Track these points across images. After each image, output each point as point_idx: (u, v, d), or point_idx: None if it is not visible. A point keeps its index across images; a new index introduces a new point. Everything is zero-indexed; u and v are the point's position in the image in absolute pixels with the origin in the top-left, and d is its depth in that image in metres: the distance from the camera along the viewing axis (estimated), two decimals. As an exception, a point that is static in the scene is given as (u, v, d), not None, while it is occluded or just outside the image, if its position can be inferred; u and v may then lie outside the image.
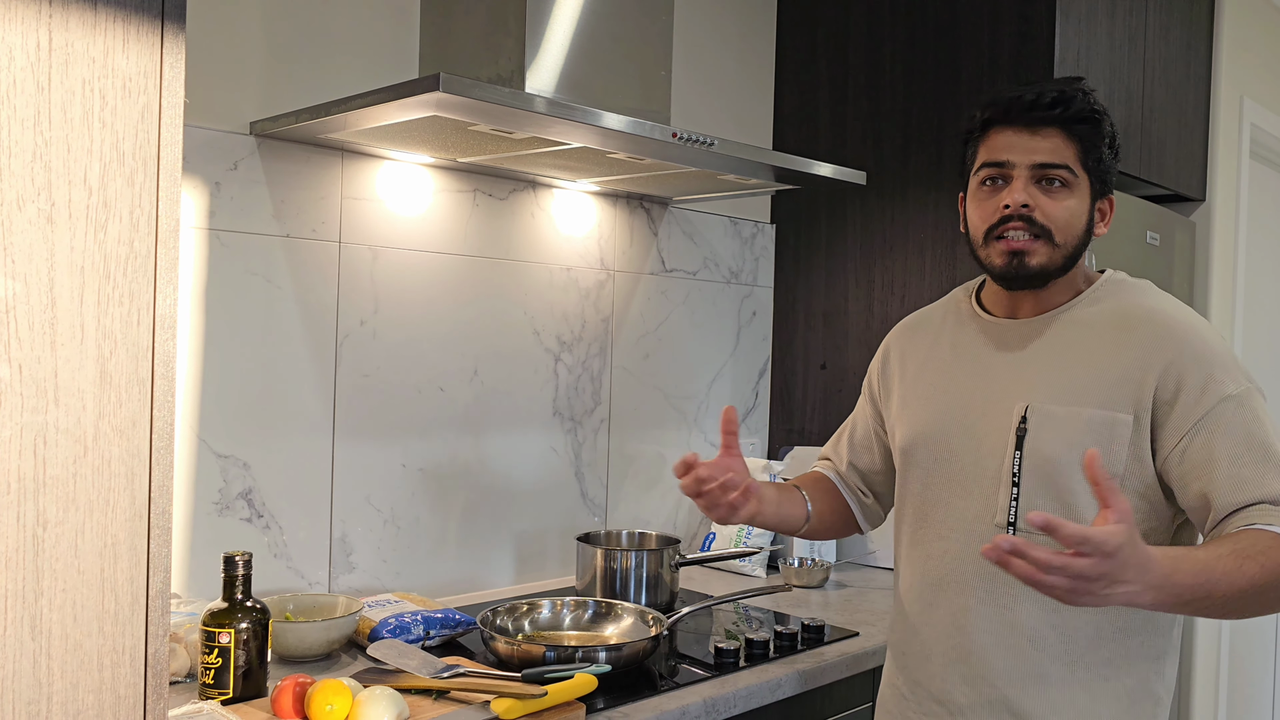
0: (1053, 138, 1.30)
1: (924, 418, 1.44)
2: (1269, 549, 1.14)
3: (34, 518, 0.92)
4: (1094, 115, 1.31)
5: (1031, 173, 1.31)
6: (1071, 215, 1.31)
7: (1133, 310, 1.32)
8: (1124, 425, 1.26)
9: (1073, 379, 1.30)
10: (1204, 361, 1.25)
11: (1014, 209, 1.30)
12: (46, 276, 0.92)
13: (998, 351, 1.39)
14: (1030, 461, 1.30)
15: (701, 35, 2.47)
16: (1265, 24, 3.17)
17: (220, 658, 1.37)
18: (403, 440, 1.93)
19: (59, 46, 0.92)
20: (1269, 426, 1.23)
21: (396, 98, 1.45)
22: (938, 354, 1.46)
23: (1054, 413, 1.29)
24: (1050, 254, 1.31)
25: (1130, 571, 1.01)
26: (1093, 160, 1.32)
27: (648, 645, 1.57)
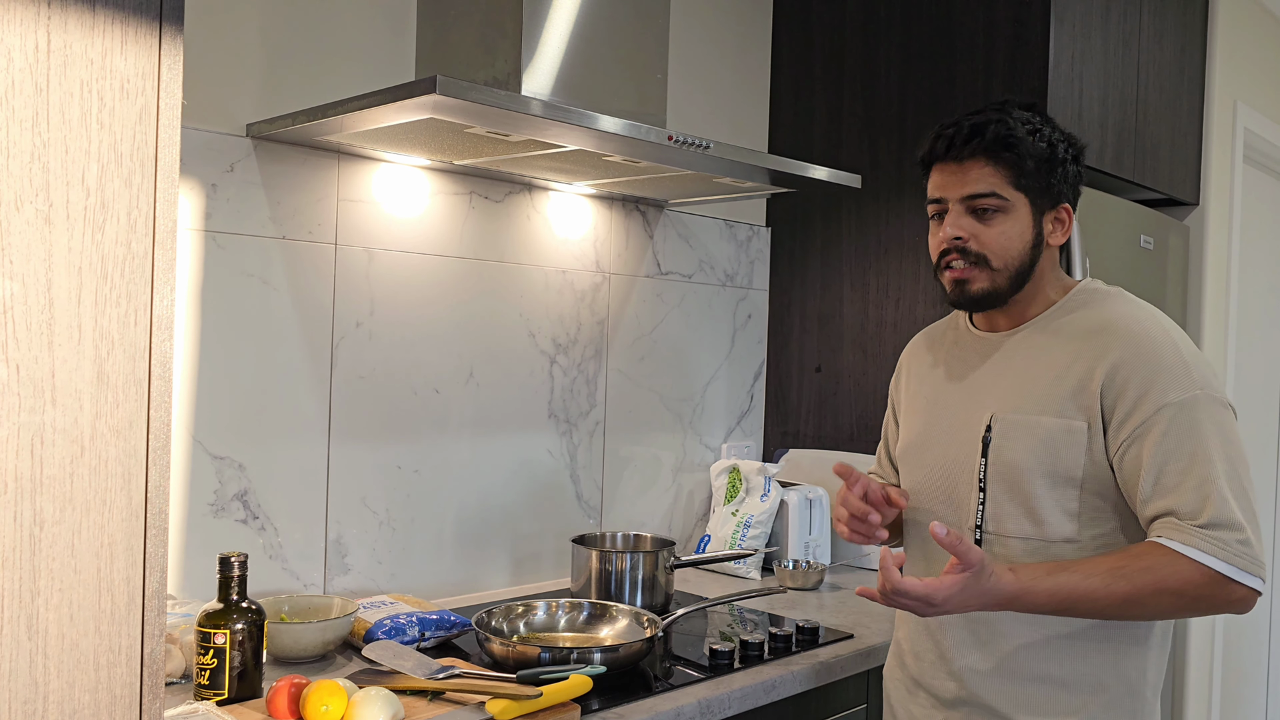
0: (978, 168, 1.36)
1: (914, 429, 1.53)
2: (1152, 566, 1.22)
3: (31, 517, 0.92)
4: (1010, 140, 1.35)
5: (964, 205, 1.38)
6: (1006, 239, 1.36)
7: (1094, 319, 1.36)
8: (1079, 432, 1.31)
9: (1033, 388, 1.36)
10: (1148, 368, 1.28)
11: (946, 241, 1.39)
12: (44, 277, 0.92)
13: (976, 364, 1.46)
14: (995, 468, 1.37)
15: (697, 38, 2.47)
16: (1258, 29, 3.19)
17: (215, 658, 1.37)
18: (398, 442, 1.93)
19: (57, 48, 0.92)
20: (1208, 436, 1.26)
21: (393, 100, 1.46)
22: (934, 369, 1.54)
23: (1016, 421, 1.36)
24: (991, 278, 1.37)
25: (975, 599, 1.23)
26: (1026, 180, 1.36)
27: (643, 647, 1.58)
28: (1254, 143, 3.16)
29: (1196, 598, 1.22)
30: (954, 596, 1.21)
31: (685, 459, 2.48)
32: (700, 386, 2.51)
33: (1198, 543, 1.21)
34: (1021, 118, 1.38)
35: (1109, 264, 2.34)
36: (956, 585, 1.21)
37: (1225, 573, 1.21)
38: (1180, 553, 1.21)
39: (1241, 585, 1.22)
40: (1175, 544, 1.22)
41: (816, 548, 2.35)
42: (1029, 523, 1.35)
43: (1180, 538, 1.22)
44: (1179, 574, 1.21)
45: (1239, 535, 1.22)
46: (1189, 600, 1.22)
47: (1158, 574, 1.21)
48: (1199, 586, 1.21)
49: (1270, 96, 3.31)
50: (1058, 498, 1.33)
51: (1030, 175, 1.37)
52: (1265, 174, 3.43)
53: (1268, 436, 3.49)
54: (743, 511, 2.32)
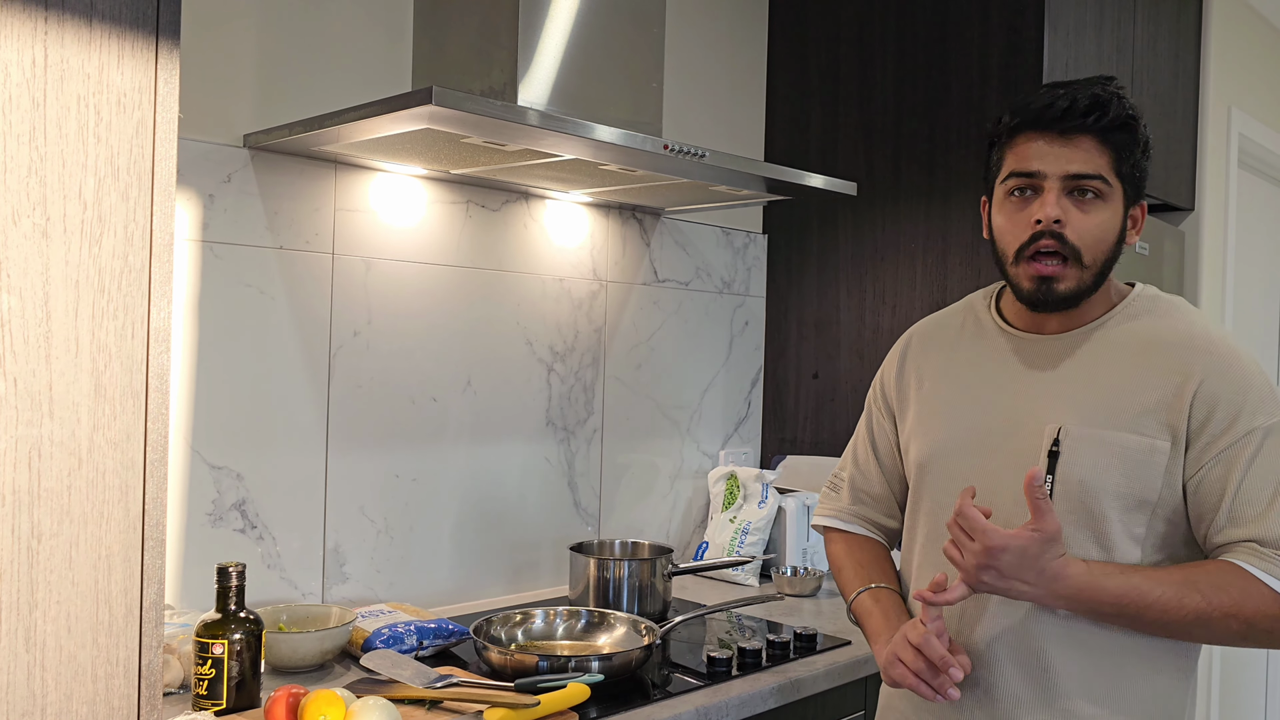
0: (1086, 146, 1.22)
1: (941, 435, 1.36)
2: (1227, 586, 1.14)
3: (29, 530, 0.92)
4: (1130, 121, 1.23)
5: (1063, 184, 1.23)
6: (1103, 230, 1.24)
7: (1170, 331, 1.26)
8: (1161, 452, 1.21)
9: (1107, 401, 1.24)
10: (1237, 388, 1.20)
11: (1045, 224, 1.23)
12: (42, 290, 0.93)
13: (1025, 369, 1.31)
14: (1062, 486, 1.23)
15: (693, 47, 2.48)
16: (1252, 35, 3.20)
17: (213, 668, 1.37)
18: (396, 451, 1.94)
19: (54, 63, 0.93)
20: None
21: (389, 111, 1.46)
22: (955, 367, 1.39)
23: (1089, 435, 1.23)
24: (1080, 276, 1.25)
25: (1028, 574, 1.14)
26: (1128, 167, 1.24)
27: (640, 654, 1.58)
28: (1248, 148, 3.17)
29: (1269, 631, 1.14)
30: (1014, 553, 1.11)
31: (683, 466, 2.48)
32: (697, 393, 2.51)
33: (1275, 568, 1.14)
34: (1128, 101, 1.24)
35: (1104, 270, 2.34)
36: (1021, 538, 1.11)
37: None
38: (1261, 580, 1.13)
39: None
40: (1258, 570, 1.14)
41: (814, 554, 2.35)
42: (1095, 547, 1.22)
43: (1263, 565, 1.14)
44: (1255, 601, 1.13)
45: None
46: (1258, 631, 1.14)
47: (1233, 596, 1.13)
48: (1274, 619, 1.13)
49: (1264, 101, 3.32)
50: (1128, 521, 1.22)
51: (1131, 165, 1.24)
52: (1260, 179, 3.44)
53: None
54: (740, 518, 2.32)
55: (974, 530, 1.13)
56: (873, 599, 1.41)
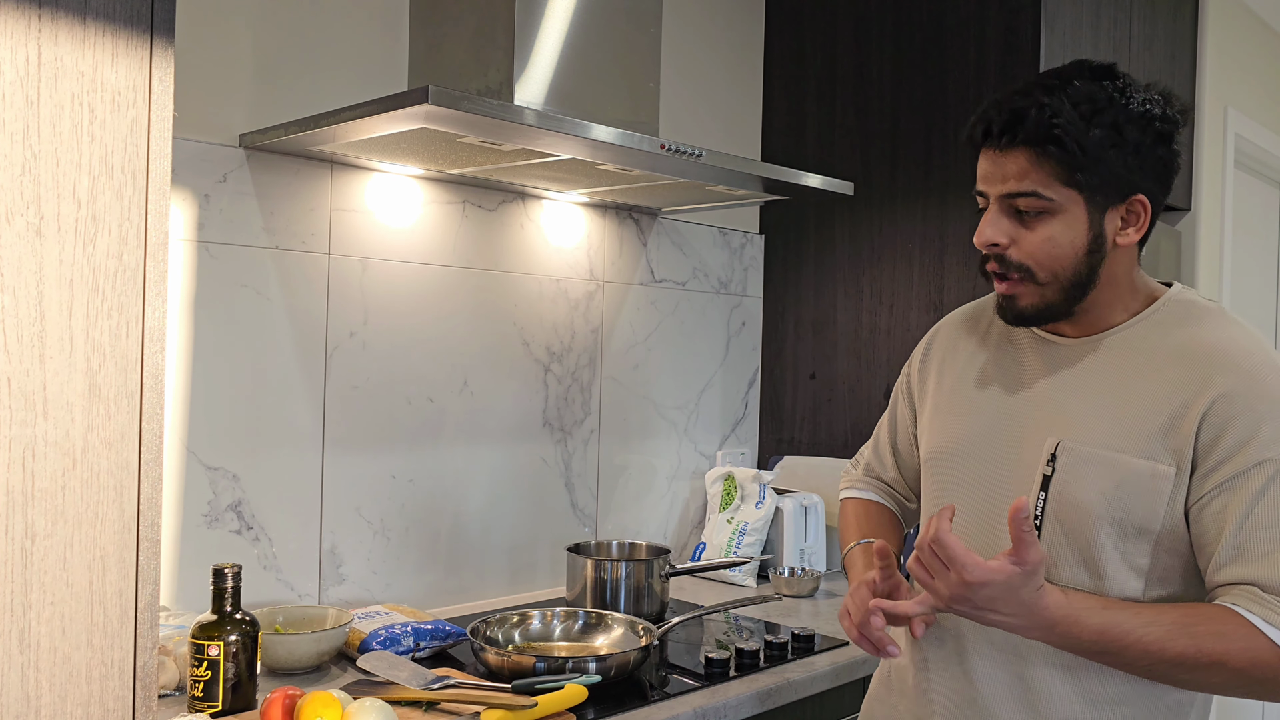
0: (1018, 161, 1.14)
1: (952, 434, 1.31)
2: (1221, 633, 1.05)
3: (22, 530, 0.92)
4: (1053, 132, 1.12)
5: (1003, 204, 1.17)
6: (1053, 245, 1.15)
7: (1194, 342, 1.15)
8: (1165, 478, 1.12)
9: (1113, 417, 1.16)
10: (1255, 410, 1.09)
11: (984, 248, 1.19)
12: (35, 290, 0.92)
13: (1041, 373, 1.24)
14: (1055, 507, 1.17)
15: (690, 47, 2.48)
16: (1248, 35, 3.20)
17: (209, 670, 1.36)
18: (392, 451, 1.93)
19: (48, 61, 0.92)
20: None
21: (386, 110, 1.46)
22: (975, 363, 1.32)
23: (1089, 455, 1.15)
24: (1039, 293, 1.17)
25: (1004, 606, 1.07)
26: (1082, 174, 1.13)
27: (638, 655, 1.58)
28: (1244, 148, 3.17)
29: (1260, 681, 1.06)
30: (995, 585, 1.04)
31: (680, 467, 2.48)
32: (695, 394, 2.51)
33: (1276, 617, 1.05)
34: (1081, 94, 1.13)
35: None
36: (1003, 573, 1.04)
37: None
38: (1258, 628, 1.04)
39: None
40: (1256, 619, 1.05)
41: (812, 555, 2.34)
42: (1086, 573, 1.16)
43: (1262, 613, 1.05)
44: (1250, 651, 1.04)
45: None
46: (1250, 682, 1.06)
47: (1226, 644, 1.04)
48: (1266, 669, 1.05)
49: (1260, 102, 3.32)
50: (1126, 550, 1.14)
51: (1086, 168, 1.12)
52: (1256, 178, 3.45)
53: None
54: (738, 519, 2.32)
55: (952, 561, 1.05)
56: (862, 552, 1.40)
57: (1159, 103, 1.16)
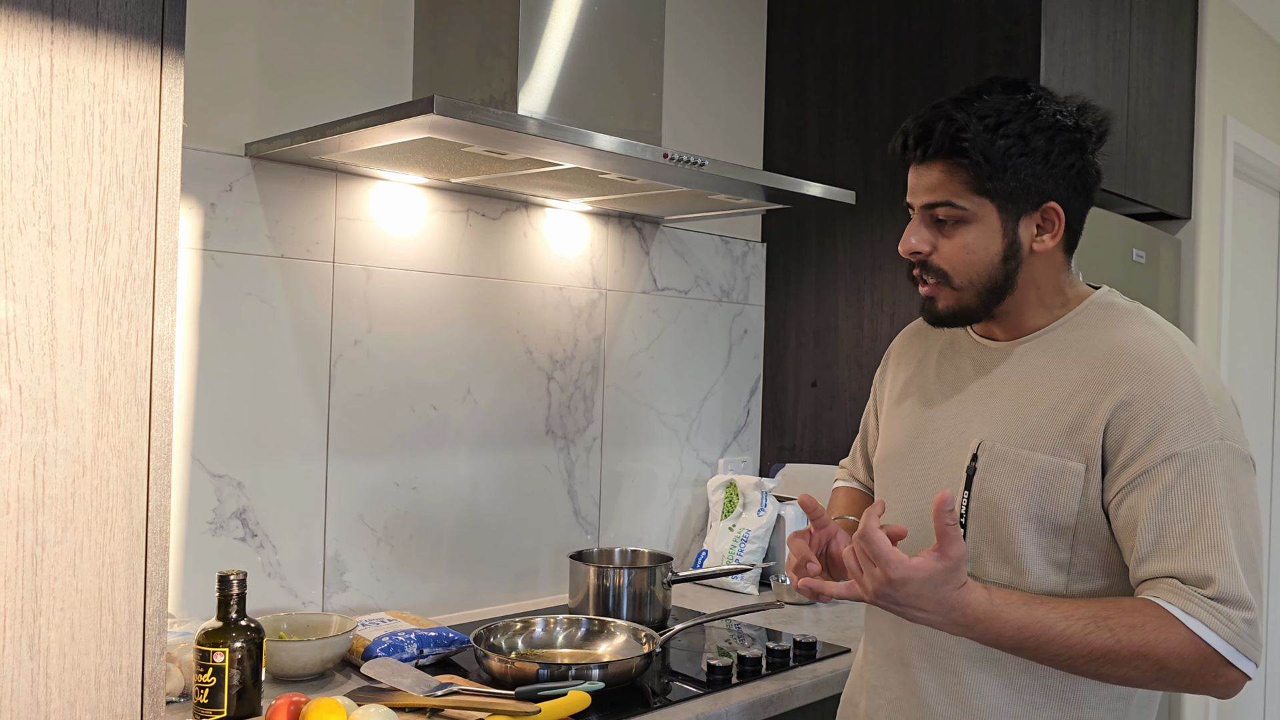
0: (936, 173, 1.21)
1: (896, 438, 1.37)
2: (1141, 625, 1.06)
3: (33, 537, 0.92)
4: (959, 143, 1.18)
5: (924, 214, 1.23)
6: (969, 251, 1.21)
7: (1106, 342, 1.19)
8: (1074, 474, 1.15)
9: (1028, 417, 1.20)
10: (1160, 407, 1.11)
11: (907, 256, 1.25)
12: (47, 298, 0.93)
13: (973, 376, 1.30)
14: (977, 503, 1.21)
15: (692, 56, 2.49)
16: (1247, 44, 3.22)
17: (215, 677, 1.37)
18: (396, 459, 1.94)
19: (60, 72, 0.94)
20: (1220, 495, 1.09)
21: (391, 120, 1.47)
22: (924, 371, 1.38)
23: (1005, 454, 1.20)
24: (956, 296, 1.23)
25: (928, 603, 1.07)
26: (994, 183, 1.18)
27: (640, 663, 1.58)
28: (1244, 156, 3.18)
29: (1180, 673, 1.07)
30: (917, 580, 1.05)
31: (682, 474, 2.49)
32: (697, 402, 2.52)
33: (1201, 614, 1.06)
34: (989, 107, 1.19)
35: (1101, 278, 2.35)
36: (925, 569, 1.05)
37: (1224, 653, 1.06)
38: (1178, 619, 1.06)
39: (1234, 669, 1.07)
40: (1175, 610, 1.06)
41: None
42: (1008, 569, 1.19)
43: (1181, 604, 1.06)
44: (1169, 643, 1.05)
45: (1246, 614, 1.07)
46: (1170, 674, 1.07)
47: (1146, 636, 1.05)
48: (1188, 662, 1.06)
49: (1259, 110, 3.33)
50: (1045, 546, 1.18)
51: (995, 177, 1.18)
52: (1255, 187, 3.46)
53: (1260, 446, 3.50)
54: (740, 526, 2.32)
55: (877, 558, 1.07)
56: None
57: (1071, 114, 1.22)
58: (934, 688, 1.26)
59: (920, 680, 1.27)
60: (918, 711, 1.28)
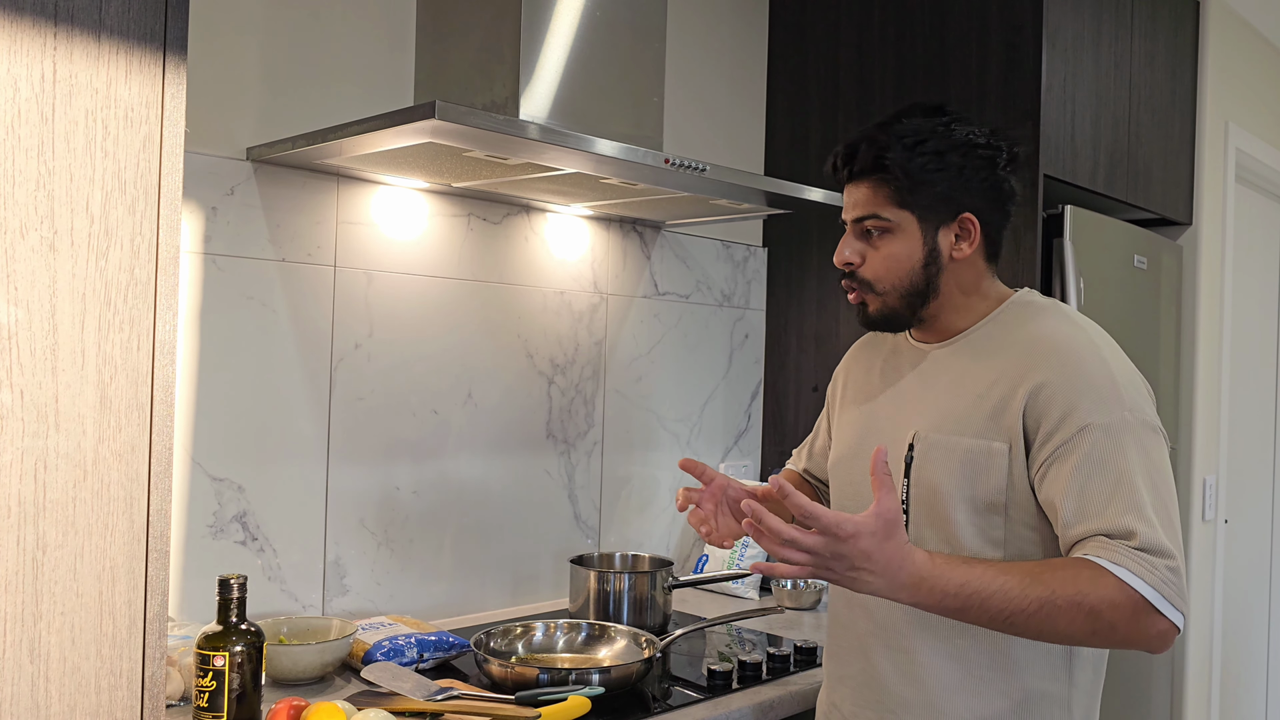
0: (864, 190, 1.33)
1: (846, 440, 1.45)
2: (1073, 578, 1.12)
3: (34, 541, 0.93)
4: (880, 162, 1.30)
5: (854, 228, 1.35)
6: (893, 260, 1.32)
7: (1022, 335, 1.29)
8: (1000, 455, 1.24)
9: (955, 406, 1.30)
10: (1073, 387, 1.21)
11: (840, 265, 1.36)
12: (48, 303, 0.93)
13: (909, 377, 1.40)
14: (917, 490, 1.30)
15: (693, 61, 2.50)
16: (1249, 50, 3.22)
17: (215, 681, 1.37)
18: (396, 463, 1.94)
19: (63, 78, 0.94)
20: (1133, 461, 1.18)
21: (392, 125, 1.47)
22: (870, 379, 1.47)
23: (937, 441, 1.29)
24: (881, 301, 1.34)
25: (873, 564, 1.10)
26: (912, 197, 1.30)
27: (641, 667, 1.58)
28: (1245, 162, 3.18)
29: (1114, 623, 1.12)
30: (865, 535, 1.08)
31: (683, 479, 2.48)
32: (698, 406, 2.52)
33: (1127, 563, 1.12)
34: (906, 129, 1.31)
35: (1103, 284, 2.35)
36: (869, 522, 1.08)
37: (1151, 600, 1.11)
38: (1107, 570, 1.12)
39: (1163, 618, 1.12)
40: (1104, 561, 1.13)
41: (814, 567, 2.34)
42: (948, 549, 1.27)
43: (1109, 555, 1.13)
44: (1100, 592, 1.11)
45: (1169, 562, 1.13)
46: (1105, 625, 1.12)
47: (1079, 586, 1.12)
48: (1118, 609, 1.11)
49: (1261, 117, 3.33)
50: (981, 525, 1.26)
51: (914, 191, 1.30)
52: (1257, 193, 3.46)
53: (1263, 453, 3.50)
54: (740, 531, 2.32)
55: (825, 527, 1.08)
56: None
57: (984, 134, 1.34)
58: (890, 670, 1.33)
59: (878, 665, 1.34)
60: (877, 694, 1.35)
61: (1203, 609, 2.95)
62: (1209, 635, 2.98)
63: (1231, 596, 3.19)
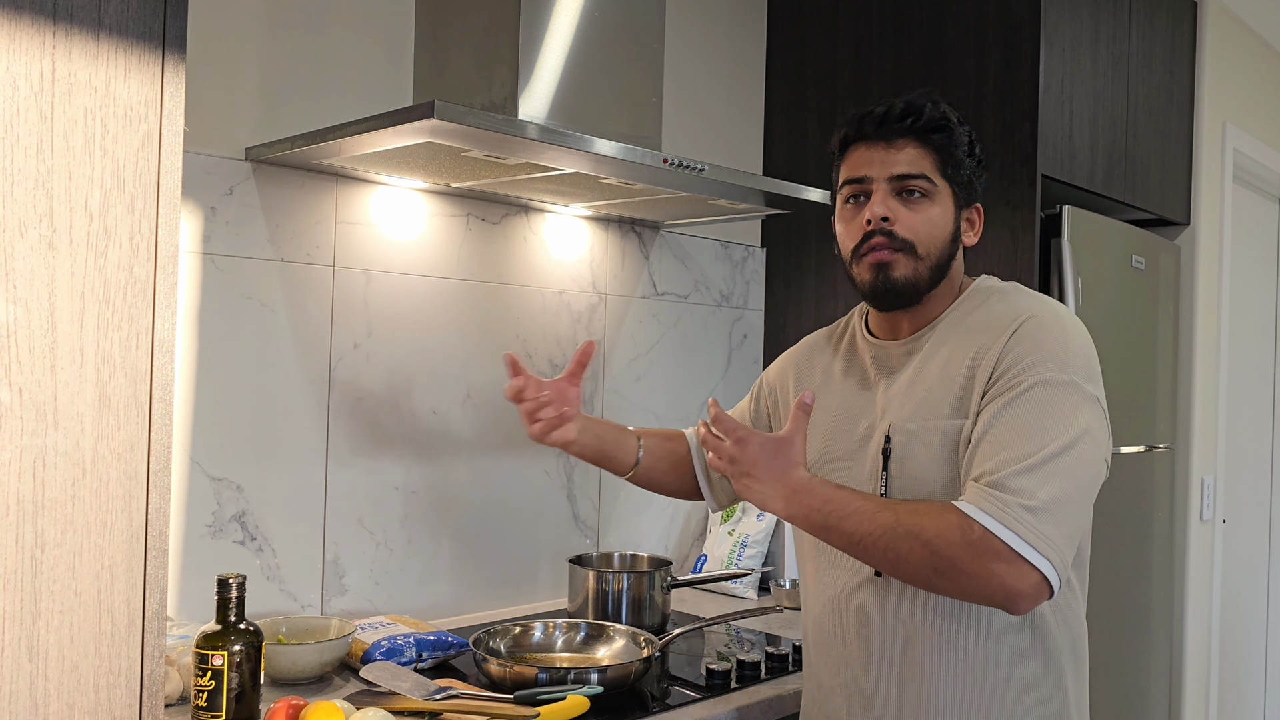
0: (908, 149, 1.30)
1: (814, 446, 1.40)
2: (922, 510, 1.14)
3: (32, 539, 0.93)
4: (945, 124, 1.30)
5: (890, 185, 1.29)
6: (933, 226, 1.29)
7: (989, 315, 1.29)
8: (966, 432, 1.22)
9: (931, 392, 1.27)
10: (1024, 348, 1.20)
11: (875, 223, 1.28)
12: (47, 301, 0.93)
13: (878, 376, 1.36)
14: (897, 482, 1.27)
15: (692, 62, 2.50)
16: (1246, 51, 3.22)
17: (213, 680, 1.37)
18: (395, 463, 1.94)
19: (62, 76, 0.94)
20: (1059, 418, 1.14)
21: (391, 124, 1.47)
22: (828, 381, 1.44)
23: (913, 429, 1.27)
24: (915, 266, 1.29)
25: (761, 471, 1.22)
26: (951, 169, 1.30)
27: (639, 667, 1.58)
28: (1243, 163, 3.19)
29: (951, 558, 1.09)
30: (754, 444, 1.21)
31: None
32: (696, 406, 2.52)
33: (972, 497, 1.11)
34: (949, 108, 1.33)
35: (1100, 284, 2.36)
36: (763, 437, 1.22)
37: (995, 531, 1.08)
38: (954, 505, 1.12)
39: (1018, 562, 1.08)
40: (957, 502, 1.13)
41: (812, 567, 2.35)
42: None
43: (966, 496, 1.13)
44: (939, 524, 1.11)
45: (1026, 501, 1.09)
46: (941, 559, 1.10)
47: (921, 518, 1.12)
48: (953, 543, 1.09)
49: (1259, 117, 3.34)
50: None
51: (955, 166, 1.30)
52: (1254, 194, 3.46)
53: (1260, 453, 3.51)
54: (739, 531, 2.32)
55: (729, 431, 1.24)
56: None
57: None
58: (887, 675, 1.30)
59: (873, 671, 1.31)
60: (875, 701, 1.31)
61: (1201, 609, 2.95)
62: (1207, 635, 2.99)
63: (1229, 597, 3.19)
